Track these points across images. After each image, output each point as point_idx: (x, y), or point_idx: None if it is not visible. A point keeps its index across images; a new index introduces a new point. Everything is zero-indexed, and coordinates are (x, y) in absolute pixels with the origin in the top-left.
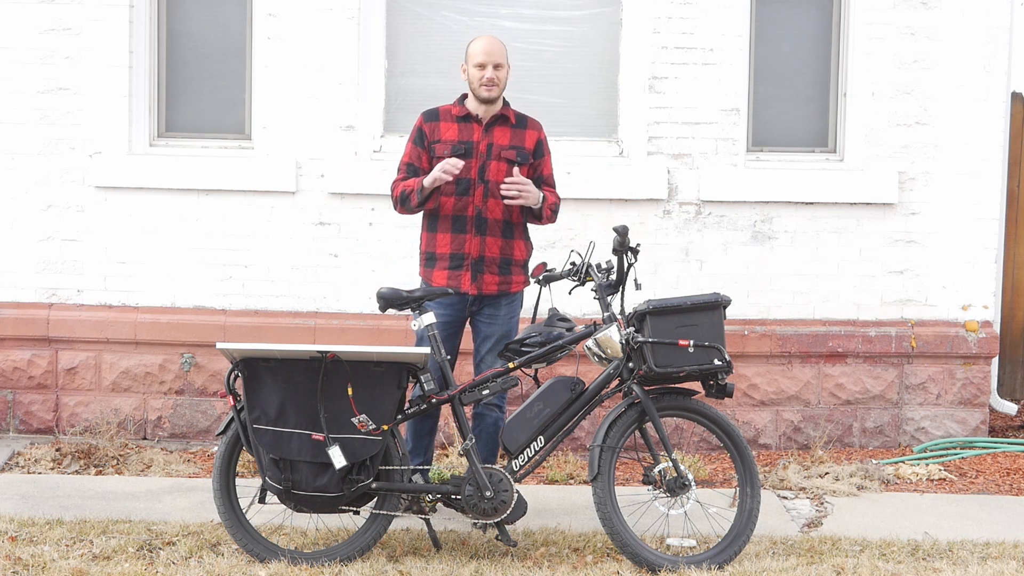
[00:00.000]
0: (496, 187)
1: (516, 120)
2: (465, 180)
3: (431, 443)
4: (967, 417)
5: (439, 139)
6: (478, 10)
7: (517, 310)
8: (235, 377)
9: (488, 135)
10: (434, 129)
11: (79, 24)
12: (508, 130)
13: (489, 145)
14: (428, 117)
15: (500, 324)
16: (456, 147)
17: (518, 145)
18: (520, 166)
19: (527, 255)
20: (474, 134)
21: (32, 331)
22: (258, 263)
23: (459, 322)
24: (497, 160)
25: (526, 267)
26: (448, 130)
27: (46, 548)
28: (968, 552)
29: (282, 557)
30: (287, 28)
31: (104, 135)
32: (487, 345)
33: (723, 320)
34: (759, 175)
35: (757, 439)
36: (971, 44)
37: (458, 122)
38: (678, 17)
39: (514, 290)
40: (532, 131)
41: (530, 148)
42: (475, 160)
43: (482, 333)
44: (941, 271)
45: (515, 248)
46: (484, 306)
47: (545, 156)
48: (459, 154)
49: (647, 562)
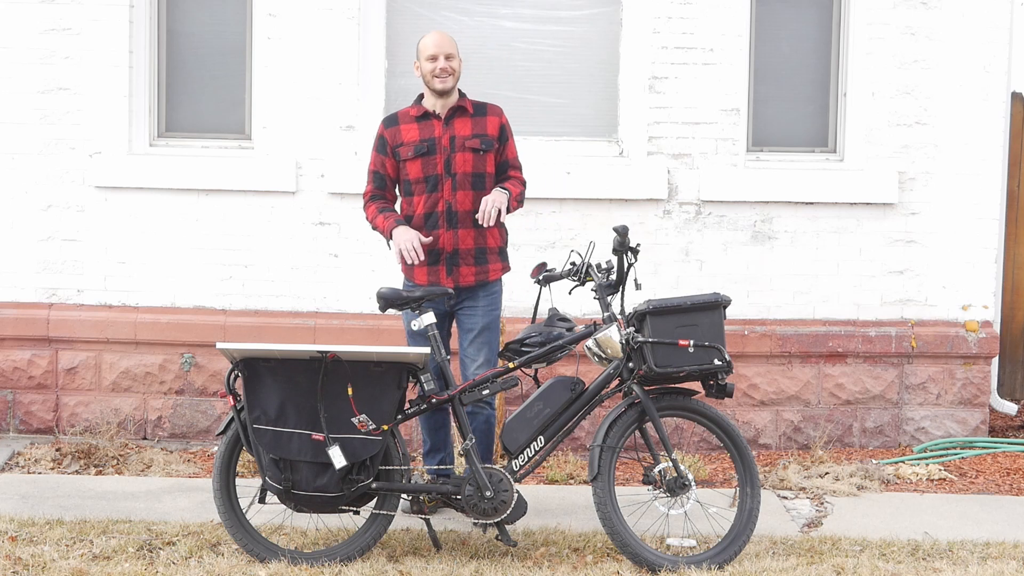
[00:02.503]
0: (464, 179)
1: (474, 109)
2: (433, 176)
3: (447, 435)
4: (967, 417)
5: (401, 142)
6: (478, 10)
7: (497, 301)
8: (235, 377)
9: (449, 128)
10: (395, 134)
11: (79, 24)
12: (468, 120)
13: (452, 138)
14: (388, 123)
15: (480, 316)
16: (419, 146)
17: (480, 133)
18: (485, 154)
19: (502, 242)
20: (435, 130)
21: (32, 331)
22: (258, 263)
23: (442, 316)
24: (462, 151)
25: (503, 254)
26: (409, 131)
27: (46, 548)
28: (968, 552)
29: (282, 557)
30: (287, 28)
31: (104, 135)
32: (468, 338)
33: (723, 320)
34: (759, 175)
35: (757, 439)
36: (971, 44)
37: (417, 122)
38: (678, 17)
39: (491, 278)
40: (493, 116)
41: (493, 134)
42: (439, 155)
43: (464, 326)
44: (941, 271)
45: (488, 236)
46: (464, 299)
47: (509, 140)
48: (422, 153)
49: (647, 562)
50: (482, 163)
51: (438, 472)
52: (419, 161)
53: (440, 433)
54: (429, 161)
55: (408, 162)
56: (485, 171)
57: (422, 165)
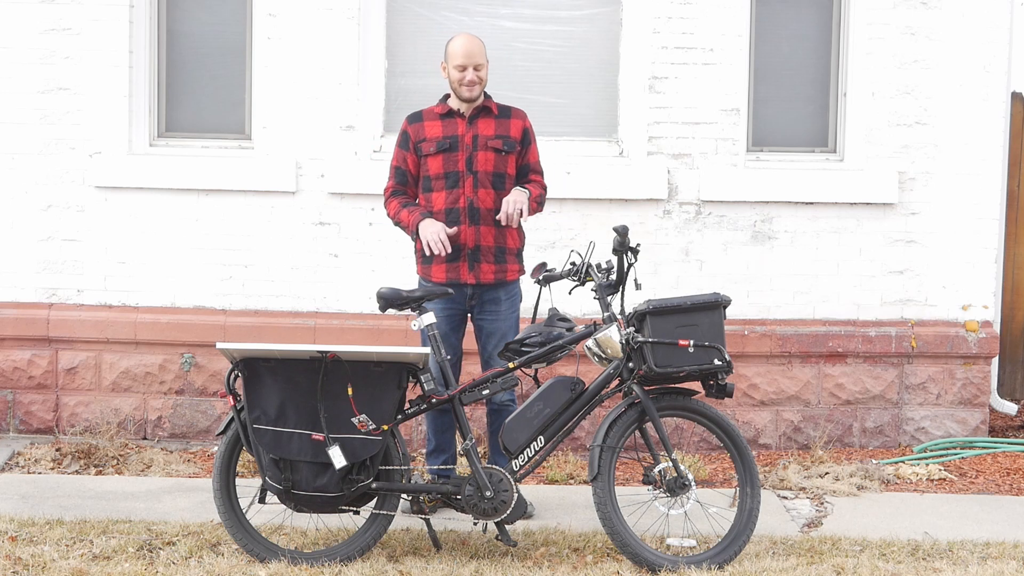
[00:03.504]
0: (485, 177)
1: (499, 111)
2: (454, 173)
3: (454, 437)
4: (967, 417)
5: (424, 138)
6: (478, 10)
7: (517, 304)
8: (235, 377)
9: (472, 127)
10: (418, 130)
11: (79, 24)
12: (492, 120)
13: (475, 136)
14: (412, 119)
15: (503, 320)
16: (441, 142)
17: (503, 134)
18: (507, 155)
19: (520, 244)
20: (458, 128)
21: (32, 331)
22: (258, 263)
23: (460, 315)
24: (484, 150)
25: (520, 256)
26: (432, 128)
27: (46, 548)
28: (968, 552)
29: (282, 557)
30: (287, 28)
31: (104, 135)
32: (492, 342)
33: (723, 320)
34: (759, 175)
35: (757, 439)
36: (971, 44)
37: (441, 119)
38: (678, 17)
39: (510, 278)
40: (517, 120)
41: (516, 137)
42: (462, 152)
43: (485, 330)
44: (941, 271)
45: (508, 237)
46: (484, 301)
47: (532, 144)
48: (444, 149)
49: (647, 562)
50: (503, 164)
51: (439, 472)
52: (441, 157)
53: (447, 435)
54: (451, 157)
55: (430, 157)
56: (506, 172)
57: (444, 161)
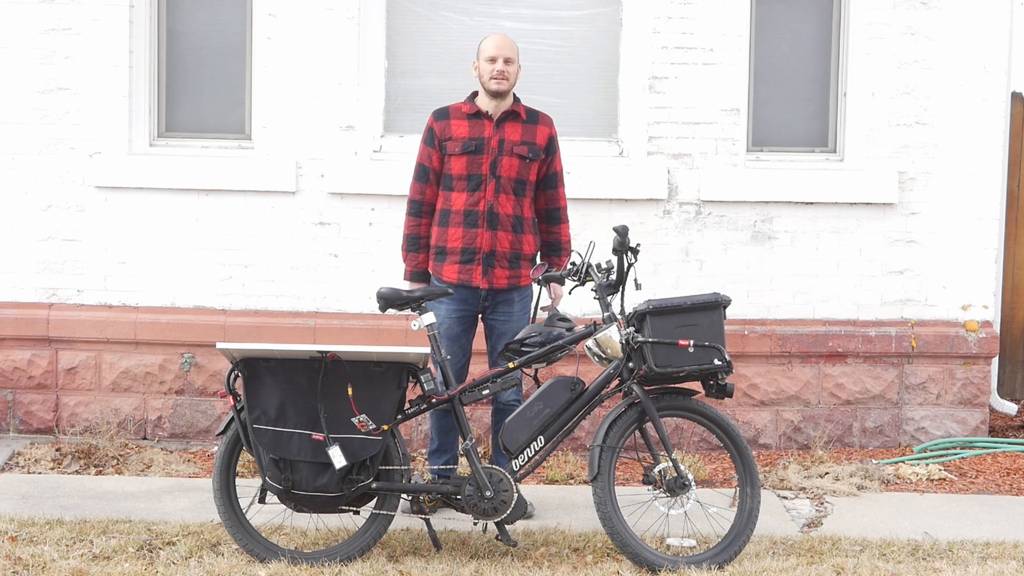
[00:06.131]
0: (508, 183)
1: (527, 116)
2: (477, 175)
3: (456, 438)
4: (967, 417)
5: (450, 136)
6: (478, 10)
7: (528, 305)
8: (235, 377)
9: (499, 131)
10: (444, 127)
11: (79, 24)
12: (519, 126)
13: (501, 141)
14: (439, 116)
15: (515, 321)
16: (467, 143)
17: (529, 141)
18: (531, 162)
19: (535, 249)
20: (485, 130)
21: (32, 331)
22: (258, 263)
23: (472, 316)
24: (509, 156)
25: (534, 261)
26: (459, 127)
27: (46, 548)
28: (968, 552)
29: (282, 557)
30: (287, 28)
31: (104, 135)
32: (503, 342)
33: (723, 320)
34: (759, 175)
35: (757, 439)
36: (971, 44)
37: (468, 119)
38: (678, 17)
39: (523, 283)
40: (543, 127)
41: (542, 144)
42: (486, 156)
43: (497, 331)
44: (941, 271)
45: (524, 243)
46: (497, 303)
47: (556, 152)
48: (470, 151)
49: (647, 562)
50: (527, 171)
51: (439, 472)
52: (465, 158)
53: (450, 435)
54: (475, 160)
55: (454, 157)
56: (528, 179)
57: (467, 163)
